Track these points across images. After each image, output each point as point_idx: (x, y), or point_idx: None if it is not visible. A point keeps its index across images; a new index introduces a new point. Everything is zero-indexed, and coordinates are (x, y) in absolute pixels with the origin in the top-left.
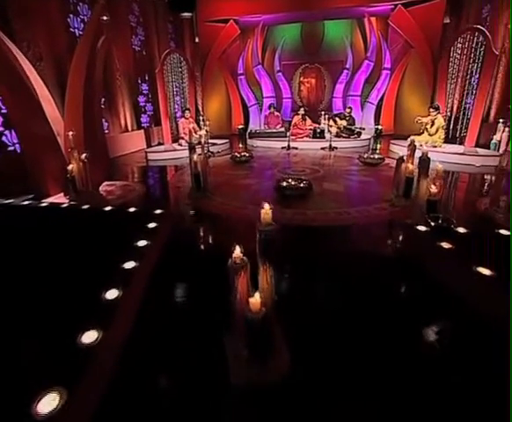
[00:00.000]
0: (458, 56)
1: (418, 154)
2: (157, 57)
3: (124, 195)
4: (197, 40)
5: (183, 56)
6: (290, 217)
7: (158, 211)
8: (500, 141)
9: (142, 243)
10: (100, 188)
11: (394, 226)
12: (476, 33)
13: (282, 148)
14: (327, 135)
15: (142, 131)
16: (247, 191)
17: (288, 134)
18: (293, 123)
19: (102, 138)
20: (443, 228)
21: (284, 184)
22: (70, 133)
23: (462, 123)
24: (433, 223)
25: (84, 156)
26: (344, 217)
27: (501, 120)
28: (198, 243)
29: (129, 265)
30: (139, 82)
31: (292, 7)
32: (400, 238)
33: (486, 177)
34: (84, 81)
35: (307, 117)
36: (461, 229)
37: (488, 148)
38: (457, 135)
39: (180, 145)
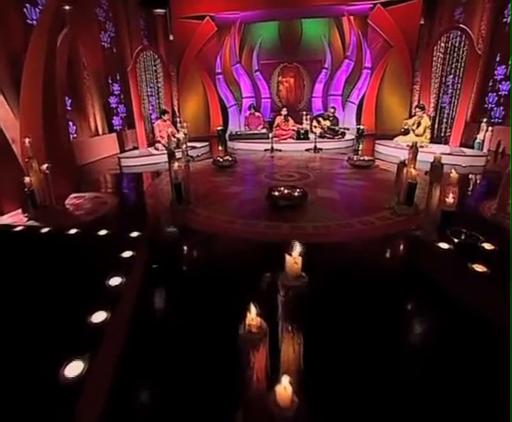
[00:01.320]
0: (442, 55)
1: (418, 157)
2: (128, 55)
3: (94, 210)
4: (171, 37)
5: (157, 54)
6: (288, 233)
7: (135, 234)
8: (483, 141)
9: (114, 281)
10: (66, 202)
11: (409, 242)
12: (459, 33)
13: (266, 150)
14: (311, 136)
15: (115, 134)
16: (234, 201)
17: (270, 135)
18: (275, 124)
19: (67, 144)
20: (469, 245)
21: (276, 193)
22: (27, 139)
23: (447, 123)
24: (456, 239)
25: (45, 166)
26: (348, 230)
27: (484, 120)
28: (186, 279)
29: (99, 317)
30: (110, 81)
31: (270, 4)
32: (420, 258)
33: (477, 178)
34: (43, 79)
35: (289, 117)
36: (488, 246)
37: (470, 147)
38: (442, 135)
39: (157, 149)
